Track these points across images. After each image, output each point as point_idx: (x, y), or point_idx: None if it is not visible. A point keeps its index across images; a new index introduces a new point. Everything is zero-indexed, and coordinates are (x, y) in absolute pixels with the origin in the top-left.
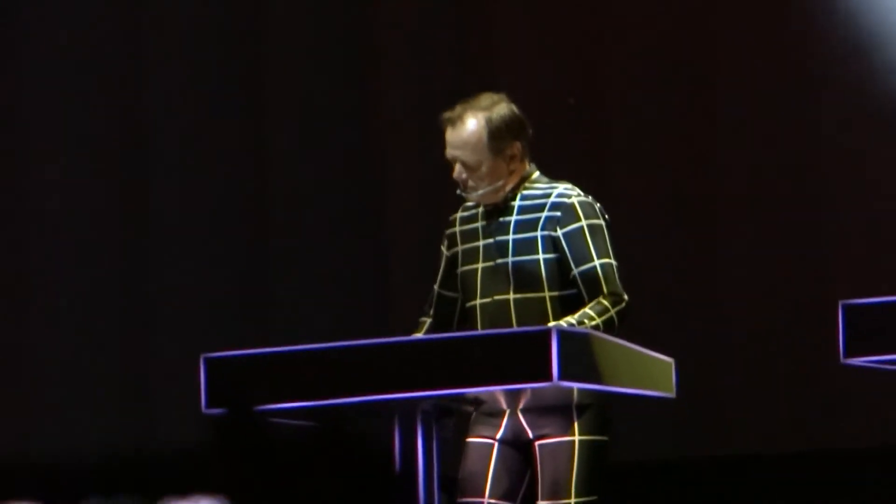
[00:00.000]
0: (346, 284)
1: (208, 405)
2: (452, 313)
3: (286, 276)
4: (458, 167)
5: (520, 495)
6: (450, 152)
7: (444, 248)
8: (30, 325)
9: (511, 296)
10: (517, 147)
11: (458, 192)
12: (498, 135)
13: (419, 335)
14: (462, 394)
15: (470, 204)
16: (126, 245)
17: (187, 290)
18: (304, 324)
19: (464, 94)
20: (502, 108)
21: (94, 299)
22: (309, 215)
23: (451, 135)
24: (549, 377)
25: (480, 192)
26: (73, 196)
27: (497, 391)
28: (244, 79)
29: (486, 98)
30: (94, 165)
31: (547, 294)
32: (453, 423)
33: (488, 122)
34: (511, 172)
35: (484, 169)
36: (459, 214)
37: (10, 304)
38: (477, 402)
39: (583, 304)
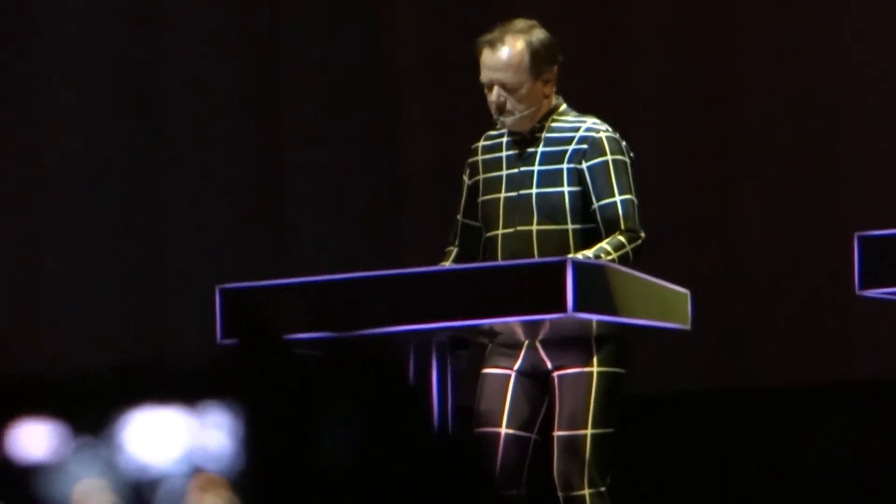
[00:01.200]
0: (361, 215)
1: (223, 336)
2: (478, 242)
3: (301, 206)
4: (496, 90)
5: (536, 426)
6: (487, 75)
7: (465, 177)
8: (45, 249)
9: (534, 227)
10: (553, 72)
11: (495, 117)
12: (538, 58)
13: (441, 265)
14: (477, 325)
15: (493, 133)
16: (140, 176)
17: (202, 220)
18: (319, 254)
19: (481, 30)
20: (540, 31)
21: (109, 225)
22: (324, 145)
23: (489, 57)
24: (563, 308)
25: (517, 115)
26: (89, 124)
27: (512, 322)
28: (259, 10)
29: (522, 22)
30: (109, 93)
31: (570, 227)
32: (468, 354)
33: (529, 44)
34: (545, 97)
35: (524, 91)
36: (482, 143)
37: (26, 228)
38: (492, 333)
39: (602, 239)
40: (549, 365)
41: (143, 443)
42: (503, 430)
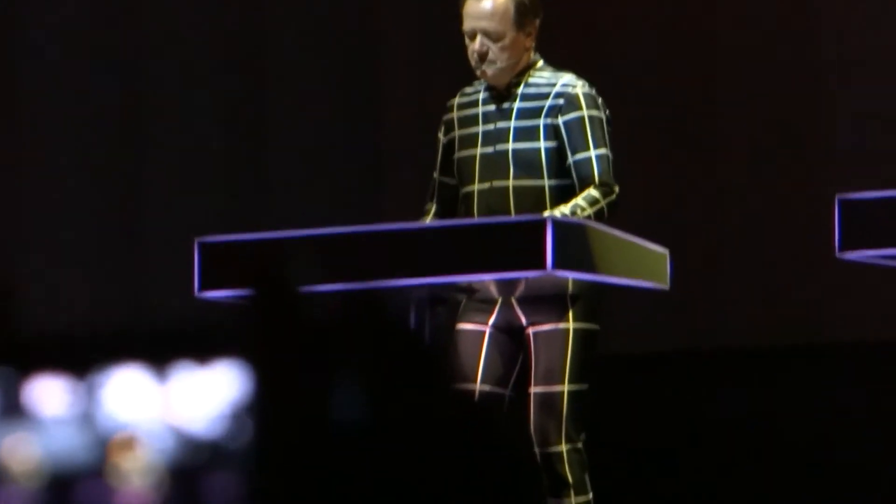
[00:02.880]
0: (340, 171)
1: (201, 288)
2: (455, 199)
3: (281, 160)
4: (479, 39)
5: (511, 381)
6: (471, 24)
7: (440, 135)
8: (23, 203)
9: (510, 182)
10: (535, 26)
11: (475, 67)
12: (522, 10)
13: (420, 223)
14: (456, 282)
15: (469, 90)
16: (121, 126)
17: (181, 171)
18: (298, 210)
19: None
20: None
21: (87, 176)
22: (305, 99)
23: (474, 6)
24: (543, 266)
25: (498, 65)
26: (68, 75)
27: (491, 280)
28: None
29: None
30: (89, 44)
31: (546, 182)
32: (446, 311)
33: None
34: (526, 50)
35: (506, 41)
36: (457, 100)
37: (3, 182)
38: (470, 290)
39: (577, 194)
40: (524, 321)
41: (136, 402)
42: (478, 387)
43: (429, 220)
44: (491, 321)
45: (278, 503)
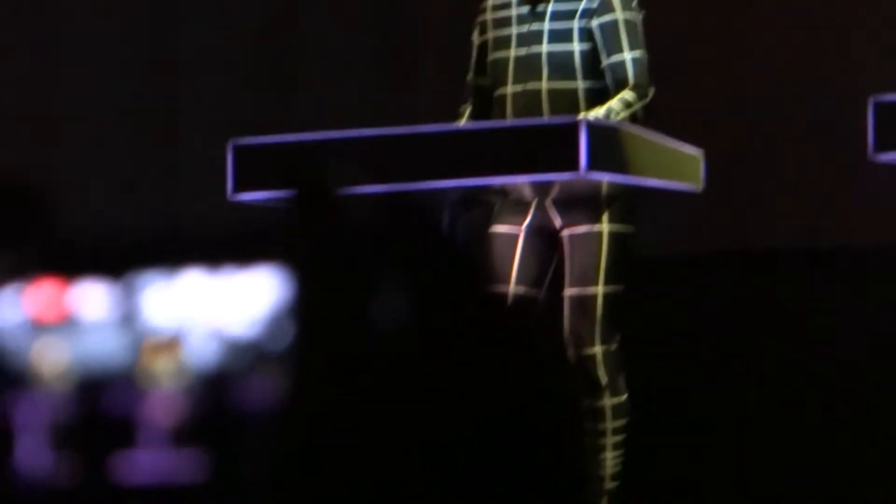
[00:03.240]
0: (375, 72)
1: (235, 190)
2: (490, 101)
3: (314, 61)
4: None
5: (545, 283)
6: None
7: (475, 36)
8: (59, 108)
9: (544, 85)
10: None
11: None
12: None
13: (455, 125)
14: (490, 184)
15: None
16: (157, 31)
17: (214, 72)
18: (331, 113)
19: None
20: None
21: (122, 75)
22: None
23: None
24: (576, 168)
25: None
26: None
27: (525, 182)
28: None
29: None
30: None
31: (580, 84)
32: (479, 213)
33: None
34: None
35: None
36: (491, 2)
37: (40, 87)
38: (504, 192)
39: (611, 97)
40: (558, 223)
41: (179, 306)
42: (512, 289)
43: (463, 122)
44: (525, 223)
45: (316, 406)
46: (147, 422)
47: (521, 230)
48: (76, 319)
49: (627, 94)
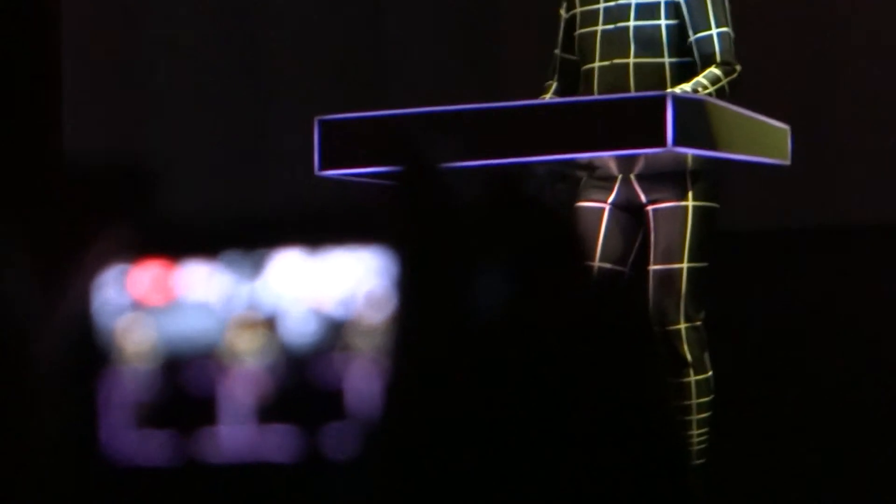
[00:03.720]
0: (459, 48)
1: (321, 167)
2: (576, 76)
3: (399, 38)
4: None
5: (630, 259)
6: None
7: (562, 11)
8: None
9: (631, 60)
10: None
11: None
12: None
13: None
14: (576, 158)
15: None
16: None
17: (301, 52)
18: (416, 88)
19: None
20: None
21: (209, 58)
22: None
23: None
24: (663, 143)
25: None
26: None
27: (611, 156)
28: None
29: None
30: None
31: (666, 60)
32: (565, 188)
33: None
34: None
35: None
36: None
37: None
38: (590, 167)
39: (698, 73)
40: (643, 198)
41: (281, 285)
42: (596, 264)
43: (548, 97)
44: (610, 199)
45: (415, 386)
46: (231, 399)
47: (607, 205)
48: (178, 300)
49: (715, 70)
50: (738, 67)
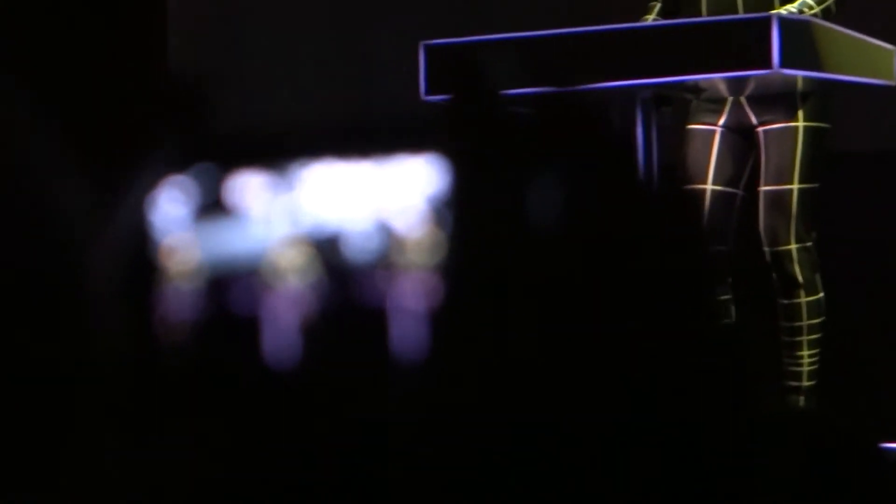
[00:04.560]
0: None
1: (427, 92)
2: None
3: None
4: None
5: (742, 181)
6: None
7: None
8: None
9: None
10: None
11: None
12: None
13: (644, 20)
14: (682, 81)
15: None
16: None
17: None
18: (521, 13)
19: None
20: None
21: None
22: None
23: None
24: (769, 65)
25: None
26: None
27: (716, 78)
28: None
29: None
30: None
31: None
32: (671, 111)
33: None
34: None
35: None
36: None
37: None
38: (697, 89)
39: None
40: (754, 120)
41: (335, 198)
42: (709, 187)
43: (652, 18)
44: (721, 121)
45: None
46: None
47: (718, 128)
48: (234, 212)
49: None
50: None
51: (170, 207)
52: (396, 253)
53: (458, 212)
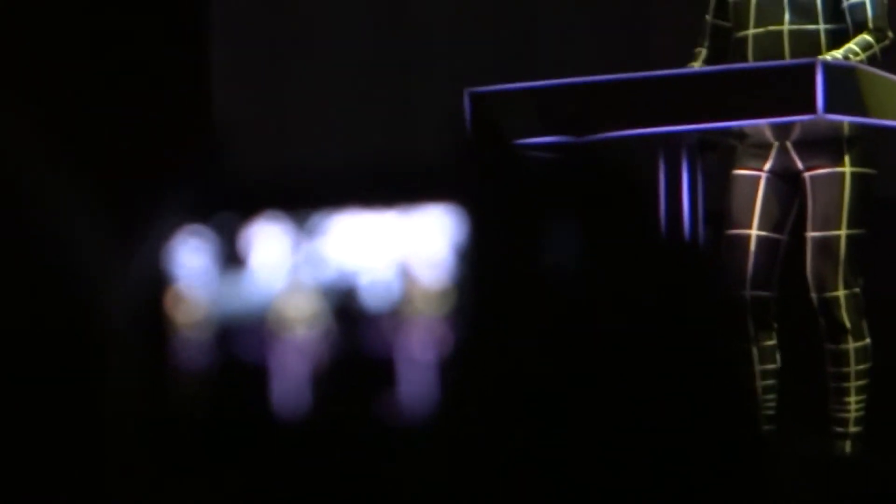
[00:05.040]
0: (608, 17)
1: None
2: (727, 43)
3: (549, 9)
4: None
5: (787, 226)
6: None
7: None
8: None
9: (785, 27)
10: None
11: None
12: None
13: (690, 67)
14: (728, 127)
15: None
16: None
17: (449, 22)
18: (566, 59)
19: None
20: None
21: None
22: None
23: None
24: (813, 110)
25: None
26: None
27: (762, 124)
28: None
29: None
30: None
31: (821, 26)
32: (716, 157)
33: None
34: None
35: None
36: None
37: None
38: (742, 135)
39: (850, 39)
40: (800, 165)
41: (355, 247)
42: (754, 232)
43: (698, 64)
44: (767, 166)
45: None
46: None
47: (763, 173)
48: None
49: (866, 36)
50: (891, 34)
51: (186, 255)
52: (412, 302)
53: (474, 260)
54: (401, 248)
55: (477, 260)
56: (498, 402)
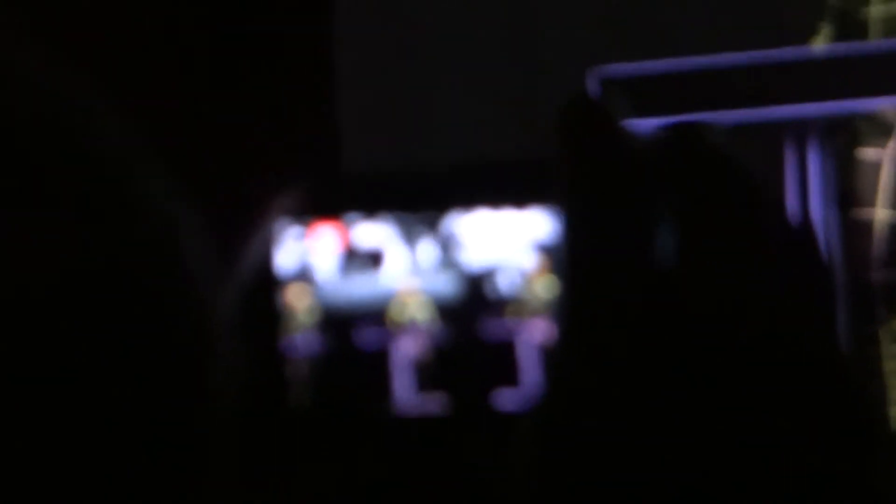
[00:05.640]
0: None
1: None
2: (851, 22)
3: None
4: None
5: None
6: None
7: None
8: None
9: None
10: None
11: None
12: None
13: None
14: (855, 108)
15: None
16: None
17: (574, 4)
18: (694, 40)
19: None
20: None
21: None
22: None
23: None
24: None
25: None
26: None
27: (887, 104)
28: None
29: None
30: None
31: None
32: (844, 137)
33: None
34: None
35: None
36: None
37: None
38: (867, 115)
39: None
40: None
41: (475, 242)
42: (878, 213)
43: (822, 44)
44: (892, 144)
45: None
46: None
47: (888, 151)
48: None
49: None
50: None
51: (311, 253)
52: (524, 295)
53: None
54: (519, 241)
55: (578, 249)
56: (605, 400)
